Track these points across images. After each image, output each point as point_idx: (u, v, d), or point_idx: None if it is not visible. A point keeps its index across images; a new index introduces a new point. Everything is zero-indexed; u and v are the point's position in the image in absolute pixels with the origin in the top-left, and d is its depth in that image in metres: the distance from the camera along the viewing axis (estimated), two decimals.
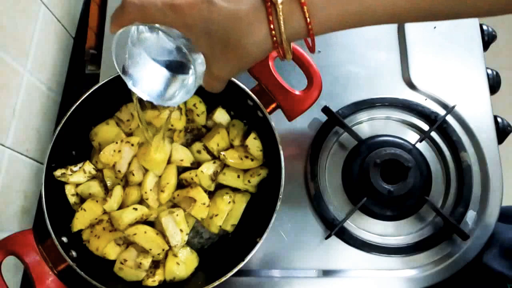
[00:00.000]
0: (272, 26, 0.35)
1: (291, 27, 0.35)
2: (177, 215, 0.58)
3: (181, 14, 0.35)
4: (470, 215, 0.63)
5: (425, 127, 0.67)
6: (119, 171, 0.60)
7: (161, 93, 0.43)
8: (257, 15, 0.35)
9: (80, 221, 0.58)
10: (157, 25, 0.37)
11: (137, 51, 0.40)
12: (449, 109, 0.66)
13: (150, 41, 0.40)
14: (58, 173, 0.59)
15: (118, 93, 0.55)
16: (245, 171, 0.62)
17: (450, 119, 0.67)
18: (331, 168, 0.66)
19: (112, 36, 0.39)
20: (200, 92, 0.42)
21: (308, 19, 0.34)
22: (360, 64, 0.72)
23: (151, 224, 0.60)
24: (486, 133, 0.66)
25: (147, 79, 0.42)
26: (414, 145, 0.65)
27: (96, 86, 0.58)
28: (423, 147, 0.66)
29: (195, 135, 0.64)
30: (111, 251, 0.58)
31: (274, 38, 0.35)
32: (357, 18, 0.35)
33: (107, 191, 0.61)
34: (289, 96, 0.59)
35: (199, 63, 0.39)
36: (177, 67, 0.41)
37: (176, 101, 0.42)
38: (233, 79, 0.58)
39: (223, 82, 0.41)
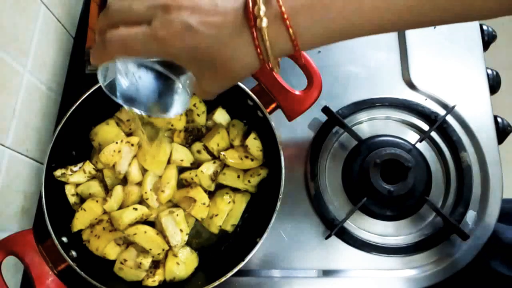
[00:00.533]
0: (259, 50, 0.35)
1: (278, 47, 0.35)
2: (177, 215, 0.58)
3: (165, 45, 0.34)
4: (470, 215, 0.63)
5: (425, 127, 0.67)
6: (119, 171, 0.60)
7: (157, 106, 0.43)
8: (242, 40, 0.35)
9: (80, 221, 0.58)
10: (141, 59, 0.37)
11: (124, 69, 0.40)
12: (449, 109, 0.66)
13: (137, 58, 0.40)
14: (58, 173, 0.59)
15: None
16: (245, 171, 0.62)
17: (450, 119, 0.67)
18: (331, 168, 0.66)
19: None
20: None
21: (294, 41, 0.34)
22: (360, 64, 0.72)
23: (151, 224, 0.60)
24: (486, 133, 0.66)
25: (141, 94, 0.42)
26: (414, 145, 0.65)
27: (96, 86, 0.58)
28: (423, 147, 0.66)
29: (195, 135, 0.64)
30: (111, 251, 0.58)
31: (261, 59, 0.36)
32: (343, 34, 0.35)
33: (107, 191, 0.61)
34: (289, 96, 0.59)
35: (188, 80, 0.39)
36: (168, 78, 0.41)
37: (174, 112, 0.42)
38: None
39: (214, 95, 0.41)
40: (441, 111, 0.67)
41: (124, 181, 0.61)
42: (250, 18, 0.34)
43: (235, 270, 0.54)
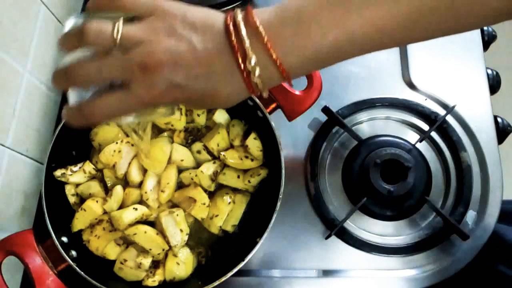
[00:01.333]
0: (251, 90, 0.35)
1: (270, 84, 0.35)
2: (177, 215, 0.58)
3: (154, 105, 0.34)
4: (470, 215, 0.63)
5: (425, 127, 0.67)
6: (119, 171, 0.60)
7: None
8: (234, 82, 0.34)
9: (80, 221, 0.58)
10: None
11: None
12: (449, 109, 0.66)
13: None
14: (58, 173, 0.59)
15: None
16: (245, 171, 0.62)
17: (450, 119, 0.67)
18: (331, 168, 0.66)
19: None
20: None
21: (288, 79, 0.35)
22: (360, 64, 0.72)
23: (151, 224, 0.60)
24: (486, 133, 0.66)
25: None
26: (414, 145, 0.65)
27: None
28: (423, 147, 0.66)
29: (195, 135, 0.64)
30: (111, 251, 0.58)
31: (254, 93, 0.36)
32: (334, 61, 0.36)
33: (107, 191, 0.61)
34: (289, 96, 0.59)
35: None
36: None
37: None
38: None
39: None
40: (441, 111, 0.67)
41: (124, 181, 0.61)
42: (242, 70, 0.33)
43: (235, 270, 0.54)
